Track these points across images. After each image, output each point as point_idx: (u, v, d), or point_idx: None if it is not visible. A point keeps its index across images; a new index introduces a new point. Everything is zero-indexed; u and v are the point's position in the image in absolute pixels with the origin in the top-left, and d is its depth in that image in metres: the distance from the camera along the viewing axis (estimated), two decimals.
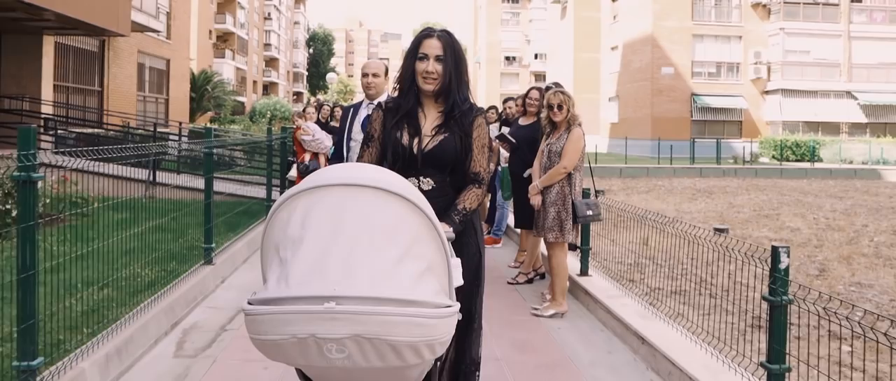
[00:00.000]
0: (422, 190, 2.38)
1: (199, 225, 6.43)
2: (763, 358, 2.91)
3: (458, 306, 1.76)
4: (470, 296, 2.44)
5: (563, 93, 5.04)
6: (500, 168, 7.27)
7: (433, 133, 2.43)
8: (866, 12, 34.75)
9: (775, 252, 2.71)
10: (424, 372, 1.84)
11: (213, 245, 5.85)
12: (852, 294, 6.29)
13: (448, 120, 2.44)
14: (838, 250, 8.51)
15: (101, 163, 3.97)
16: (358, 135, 4.34)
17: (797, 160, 30.16)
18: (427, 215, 1.76)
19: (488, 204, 8.36)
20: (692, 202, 14.89)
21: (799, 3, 33.95)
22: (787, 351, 2.77)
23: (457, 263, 1.98)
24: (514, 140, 5.91)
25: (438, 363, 1.93)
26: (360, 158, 2.55)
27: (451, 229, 2.23)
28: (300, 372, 1.84)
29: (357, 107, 4.51)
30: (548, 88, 5.26)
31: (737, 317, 4.82)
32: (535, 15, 69.77)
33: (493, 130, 7.28)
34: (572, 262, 5.75)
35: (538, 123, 5.51)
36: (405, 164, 2.44)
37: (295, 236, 1.69)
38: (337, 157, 4.52)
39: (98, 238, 3.89)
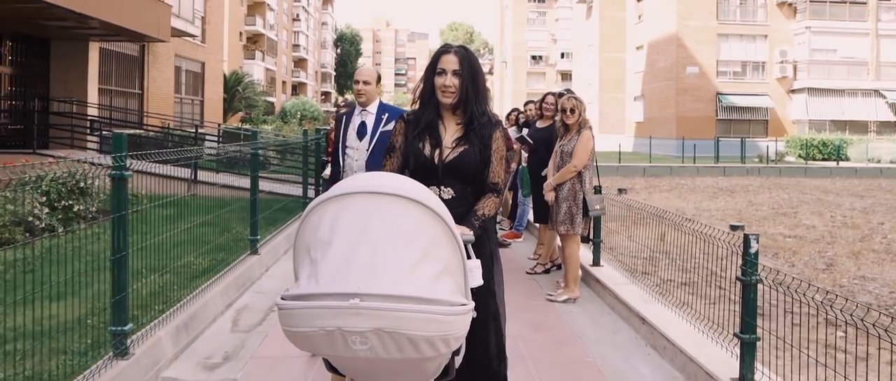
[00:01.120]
0: (442, 199, 2.51)
1: (240, 220, 7.02)
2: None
3: (472, 304, 1.92)
4: (483, 300, 2.53)
5: (575, 98, 5.54)
6: (520, 167, 7.79)
7: (454, 145, 2.57)
8: (895, 10, 34.48)
9: (746, 240, 3.19)
10: (442, 364, 1.98)
11: (259, 237, 6.43)
12: (855, 287, 6.63)
13: (468, 132, 2.58)
14: (849, 247, 8.80)
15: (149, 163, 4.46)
16: (354, 142, 4.37)
17: (823, 159, 30.07)
18: (445, 220, 1.91)
19: (511, 201, 8.87)
20: (713, 201, 15.18)
21: (825, 2, 33.83)
22: (759, 325, 3.25)
23: (477, 263, 2.19)
24: (531, 142, 6.44)
25: (456, 357, 2.10)
26: (383, 167, 2.68)
27: (471, 232, 2.33)
28: (327, 362, 2.04)
29: (349, 114, 4.53)
30: (562, 94, 5.76)
31: (741, 305, 5.24)
32: (561, 14, 69.93)
33: (514, 132, 7.80)
34: (585, 253, 6.25)
35: (553, 126, 6.01)
36: (426, 173, 2.56)
37: (324, 239, 1.86)
38: (334, 165, 4.52)
39: (151, 232, 4.42)
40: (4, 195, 6.53)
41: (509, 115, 9.43)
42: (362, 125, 4.36)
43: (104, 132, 14.65)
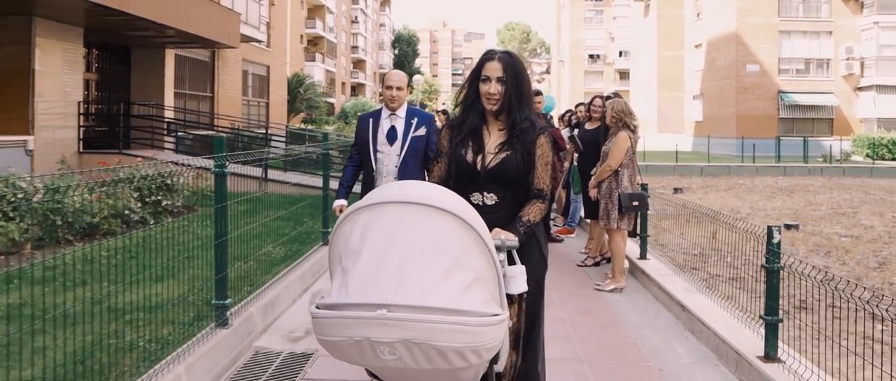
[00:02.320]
0: (485, 204, 2.55)
1: (311, 215, 7.62)
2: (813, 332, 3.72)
3: (506, 314, 1.92)
4: (534, 304, 2.58)
5: (611, 104, 5.94)
6: (572, 166, 8.20)
7: (496, 150, 2.57)
8: None
9: (769, 231, 3.55)
10: (479, 374, 1.99)
11: (329, 230, 7.02)
12: None
13: (511, 138, 2.56)
14: None
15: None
16: (384, 146, 4.41)
17: (892, 159, 29.17)
18: (476, 230, 1.89)
19: (564, 198, 9.26)
20: (770, 200, 15.14)
21: None
22: (781, 307, 3.59)
23: (520, 270, 2.19)
24: (580, 143, 6.85)
25: (495, 365, 2.12)
26: (430, 172, 2.73)
27: (516, 238, 2.31)
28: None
29: (376, 116, 4.53)
30: (609, 97, 6.15)
31: (786, 301, 5.50)
32: (618, 12, 69.27)
33: (566, 133, 8.20)
34: (632, 247, 6.62)
35: (601, 127, 6.41)
36: (469, 179, 2.58)
37: (355, 248, 1.87)
38: (368, 167, 4.50)
39: (236, 225, 4.96)
40: (105, 191, 7.29)
41: (563, 116, 9.82)
42: (392, 130, 4.42)
43: (179, 134, 15.66)
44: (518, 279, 2.16)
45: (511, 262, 2.23)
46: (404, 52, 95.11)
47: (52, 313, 3.05)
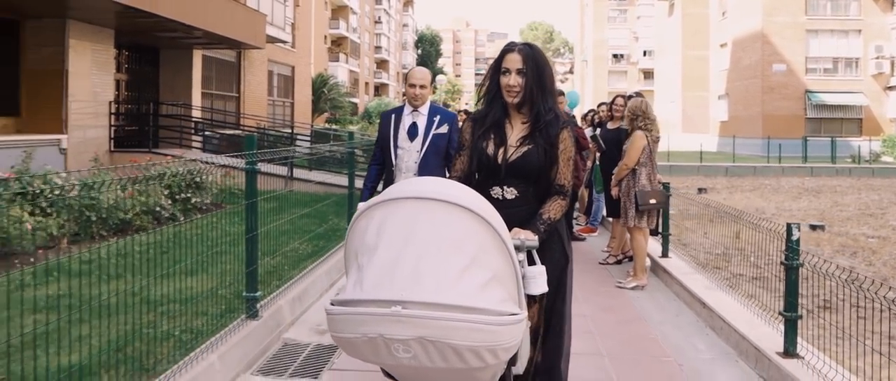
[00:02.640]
0: (505, 199, 2.50)
1: (336, 213, 7.75)
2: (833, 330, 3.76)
3: (524, 313, 1.88)
4: (555, 303, 2.54)
5: (627, 104, 6.01)
6: (594, 165, 8.25)
7: (518, 144, 2.51)
8: None
9: (789, 228, 3.59)
10: (497, 374, 1.95)
11: None
12: None
13: (533, 131, 2.51)
14: None
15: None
16: (404, 142, 4.39)
17: None
18: (494, 226, 1.86)
19: (587, 197, 9.31)
20: (795, 201, 15.01)
21: None
22: (800, 303, 3.63)
23: (541, 270, 2.14)
24: (602, 142, 6.91)
25: (513, 366, 2.08)
26: (452, 165, 2.67)
27: (536, 237, 2.24)
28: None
29: (398, 112, 4.52)
30: (631, 96, 6.20)
31: (809, 300, 5.50)
32: (642, 12, 68.78)
33: (589, 132, 8.26)
34: (654, 245, 6.66)
35: (623, 127, 6.46)
36: (490, 173, 2.53)
37: (371, 244, 1.85)
38: (387, 165, 4.51)
39: (263, 221, 5.08)
40: (137, 189, 7.49)
41: (586, 115, 9.87)
42: (414, 126, 4.40)
43: (206, 133, 15.95)
44: (538, 280, 2.13)
45: (531, 262, 2.18)
46: (427, 52, 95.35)
47: (90, 304, 3.18)
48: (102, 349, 3.28)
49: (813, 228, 10.04)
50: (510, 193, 2.51)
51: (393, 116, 4.53)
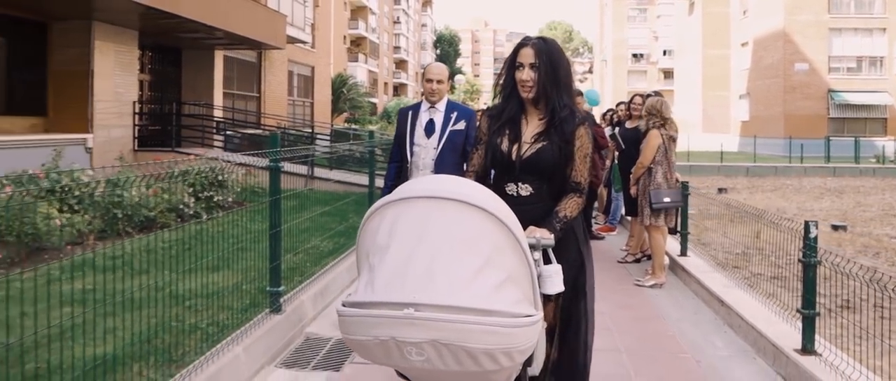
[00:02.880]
0: (519, 196, 2.46)
1: (356, 212, 7.84)
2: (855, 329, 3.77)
3: (540, 315, 1.84)
4: (572, 302, 2.48)
5: (644, 102, 6.04)
6: (613, 164, 8.27)
7: (533, 140, 2.47)
8: None
9: (806, 226, 3.61)
10: (512, 376, 1.93)
11: None
12: None
13: (549, 128, 2.47)
14: None
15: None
16: (421, 139, 4.36)
17: None
18: (509, 226, 1.82)
19: (606, 196, 9.33)
20: (817, 201, 14.88)
21: None
22: (817, 300, 3.65)
23: (556, 269, 2.09)
24: (621, 141, 6.93)
25: (528, 368, 2.08)
26: (469, 160, 2.65)
27: (552, 236, 2.19)
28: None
29: (415, 109, 4.49)
30: (649, 95, 6.22)
31: (828, 299, 5.49)
32: (662, 11, 68.44)
33: (608, 131, 8.28)
34: (673, 244, 6.67)
35: (641, 125, 6.48)
36: (504, 169, 2.50)
37: (382, 244, 1.81)
38: (403, 162, 4.48)
39: (285, 219, 5.16)
40: (161, 187, 7.64)
41: (605, 115, 9.88)
42: (430, 123, 4.37)
43: (228, 132, 16.15)
44: (554, 279, 2.08)
45: (546, 261, 2.14)
46: (446, 52, 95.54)
47: (118, 299, 3.28)
48: (131, 340, 3.38)
49: (835, 228, 9.96)
50: (525, 189, 2.47)
51: (410, 112, 4.49)
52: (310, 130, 19.84)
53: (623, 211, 8.40)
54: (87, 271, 4.96)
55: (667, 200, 5.78)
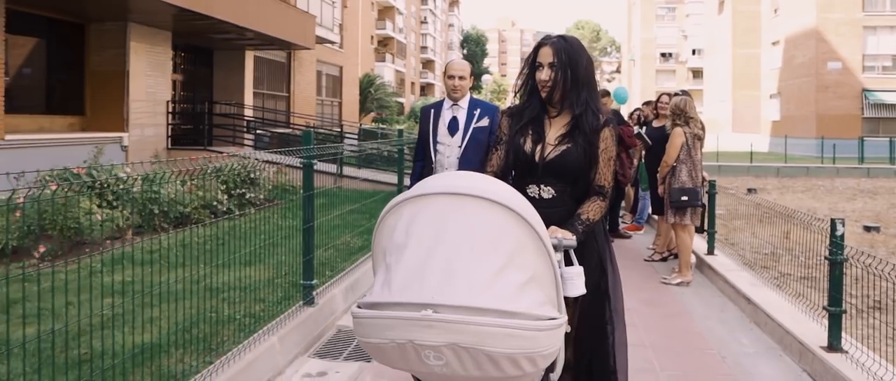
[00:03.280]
0: (541, 198, 2.40)
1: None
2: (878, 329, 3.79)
3: (564, 318, 1.76)
4: (594, 306, 2.39)
5: (669, 101, 6.08)
6: (640, 163, 8.29)
7: (557, 142, 2.41)
8: None
9: (833, 224, 3.63)
10: None
11: None
12: None
13: (573, 129, 2.41)
14: None
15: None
16: (445, 138, 4.30)
17: None
18: (532, 225, 1.75)
19: (633, 195, 9.34)
20: (850, 202, 14.67)
21: None
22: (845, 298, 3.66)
23: (578, 271, 2.02)
24: (649, 140, 6.96)
25: (551, 374, 2.02)
26: (488, 160, 2.57)
27: (574, 237, 2.13)
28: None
29: (437, 107, 4.41)
30: (676, 94, 6.25)
31: (859, 300, 5.46)
32: (691, 9, 67.71)
33: (635, 131, 8.29)
34: (700, 243, 6.68)
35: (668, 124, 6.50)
36: (526, 171, 2.43)
37: (399, 243, 1.74)
38: (427, 160, 4.42)
39: (317, 216, 5.30)
40: (195, 184, 7.84)
41: (632, 114, 9.87)
42: (454, 121, 4.30)
43: (258, 131, 16.43)
44: (575, 281, 2.01)
45: (568, 263, 2.07)
46: (473, 52, 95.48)
47: (158, 290, 3.42)
48: (171, 330, 3.52)
49: (867, 229, 9.84)
50: (547, 192, 2.40)
51: (432, 111, 4.43)
52: (339, 130, 20.08)
53: (650, 210, 8.41)
54: (127, 264, 5.15)
55: (684, 198, 5.80)
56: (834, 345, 3.71)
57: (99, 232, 6.28)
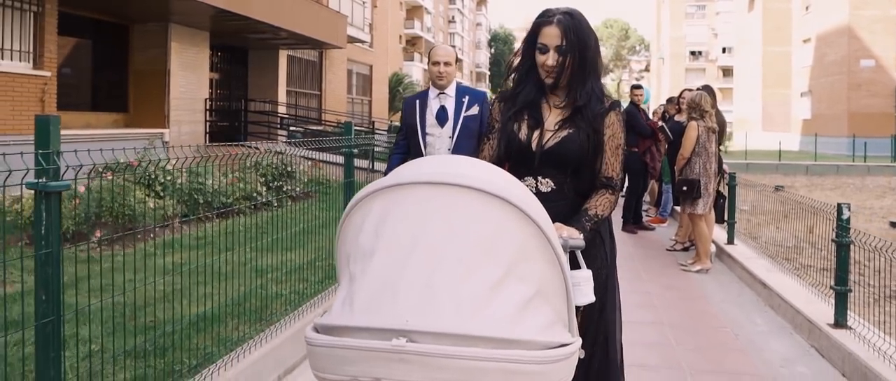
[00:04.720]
0: (540, 192, 2.08)
1: None
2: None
3: (578, 341, 1.38)
4: (600, 317, 2.11)
5: (691, 96, 6.34)
6: (663, 157, 8.53)
7: (556, 128, 2.10)
8: None
9: (839, 208, 3.88)
10: None
11: None
12: None
13: (574, 114, 2.10)
14: None
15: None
16: (434, 128, 4.06)
17: None
18: (538, 222, 1.36)
19: (657, 189, 9.58)
20: (879, 200, 14.65)
21: None
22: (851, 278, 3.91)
23: (587, 275, 1.71)
24: (670, 134, 7.21)
25: None
26: (479, 152, 2.26)
27: (581, 236, 1.84)
28: None
29: (423, 97, 4.18)
30: (699, 90, 6.49)
31: (878, 290, 5.63)
32: (721, 7, 67.09)
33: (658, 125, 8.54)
34: (720, 233, 6.92)
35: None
36: (521, 160, 2.12)
37: (366, 248, 1.35)
38: (416, 154, 4.05)
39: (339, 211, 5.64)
40: (237, 176, 8.25)
41: (656, 110, 10.12)
42: (442, 110, 4.07)
43: (292, 128, 16.94)
44: (583, 288, 1.68)
45: (574, 266, 1.72)
46: (501, 51, 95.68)
47: (209, 271, 3.78)
48: (225, 302, 3.89)
49: (893, 225, 9.93)
50: (546, 185, 2.10)
51: (417, 101, 4.18)
52: (370, 127, 20.53)
53: (672, 203, 8.65)
54: (177, 249, 5.57)
55: (685, 188, 6.07)
56: (840, 322, 3.95)
57: (152, 219, 6.71)
